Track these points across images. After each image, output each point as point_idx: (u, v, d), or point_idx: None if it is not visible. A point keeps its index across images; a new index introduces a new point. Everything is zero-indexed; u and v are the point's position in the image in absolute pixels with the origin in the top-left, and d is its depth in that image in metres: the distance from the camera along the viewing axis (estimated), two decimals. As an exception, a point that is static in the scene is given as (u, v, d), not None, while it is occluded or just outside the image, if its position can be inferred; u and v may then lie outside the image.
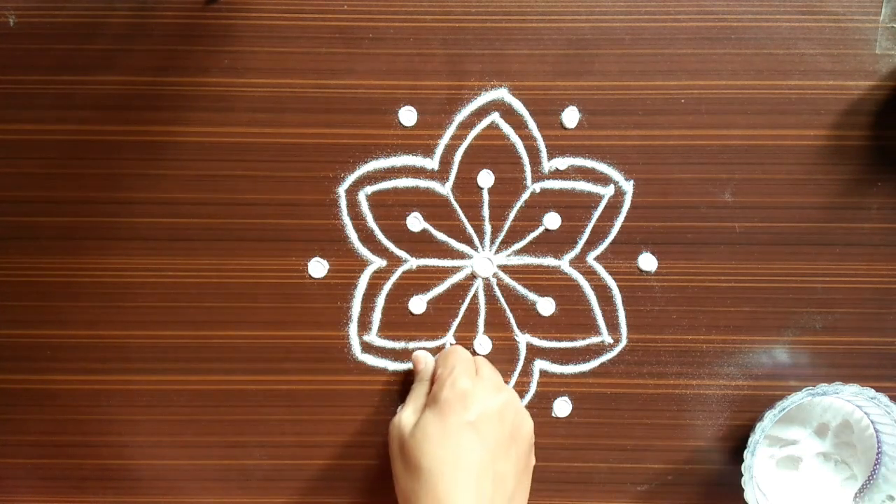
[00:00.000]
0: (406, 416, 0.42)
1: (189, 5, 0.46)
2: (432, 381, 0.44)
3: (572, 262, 0.48)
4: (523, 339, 0.48)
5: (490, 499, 0.39)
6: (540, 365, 0.48)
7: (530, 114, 0.47)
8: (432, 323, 0.48)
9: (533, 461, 0.43)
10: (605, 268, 0.48)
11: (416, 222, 0.48)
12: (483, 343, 0.48)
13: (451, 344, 0.48)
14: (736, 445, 0.48)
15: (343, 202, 0.48)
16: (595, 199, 0.47)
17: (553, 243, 0.48)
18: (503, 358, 0.48)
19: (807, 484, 0.47)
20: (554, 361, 0.48)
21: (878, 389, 0.44)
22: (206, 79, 0.47)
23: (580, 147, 0.47)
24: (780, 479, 0.48)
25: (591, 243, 0.48)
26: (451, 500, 0.38)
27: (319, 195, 0.47)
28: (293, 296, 0.48)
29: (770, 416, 0.44)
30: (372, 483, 0.49)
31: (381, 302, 0.48)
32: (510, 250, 0.48)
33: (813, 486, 0.47)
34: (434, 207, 0.48)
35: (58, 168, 0.47)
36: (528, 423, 0.43)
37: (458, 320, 0.48)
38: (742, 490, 0.44)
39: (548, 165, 0.47)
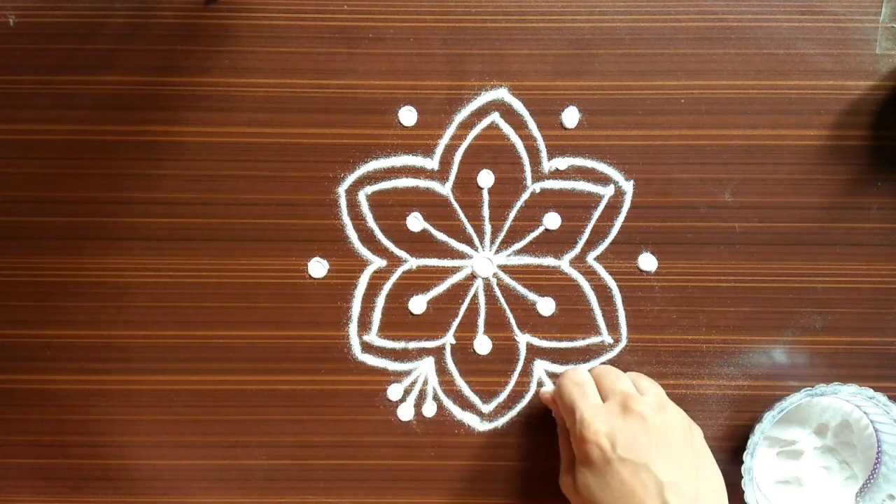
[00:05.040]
0: (565, 479, 0.43)
1: (189, 5, 0.46)
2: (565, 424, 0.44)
3: (572, 262, 0.48)
4: (523, 339, 0.48)
5: (686, 497, 0.39)
6: (540, 365, 0.48)
7: (530, 114, 0.47)
8: (432, 323, 0.48)
9: (697, 434, 0.42)
10: (605, 268, 0.48)
11: (416, 222, 0.48)
12: (483, 343, 0.48)
13: (565, 373, 0.45)
14: (735, 446, 0.48)
15: (343, 202, 0.48)
16: (595, 199, 0.47)
17: (553, 243, 0.48)
18: (503, 358, 0.48)
19: (807, 484, 0.47)
20: (554, 361, 0.48)
21: (877, 389, 0.44)
22: (206, 79, 0.47)
23: (580, 147, 0.47)
24: (780, 479, 0.48)
25: (591, 243, 0.48)
26: None
27: (319, 195, 0.47)
28: (293, 296, 0.48)
29: (769, 418, 0.44)
30: (372, 483, 0.49)
31: (381, 302, 0.48)
32: (510, 250, 0.48)
33: (813, 486, 0.47)
34: (434, 207, 0.48)
35: (58, 168, 0.47)
36: (672, 416, 0.41)
37: (458, 320, 0.48)
38: (742, 490, 0.44)
39: (548, 165, 0.47)
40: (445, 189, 0.48)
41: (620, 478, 0.39)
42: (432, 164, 0.47)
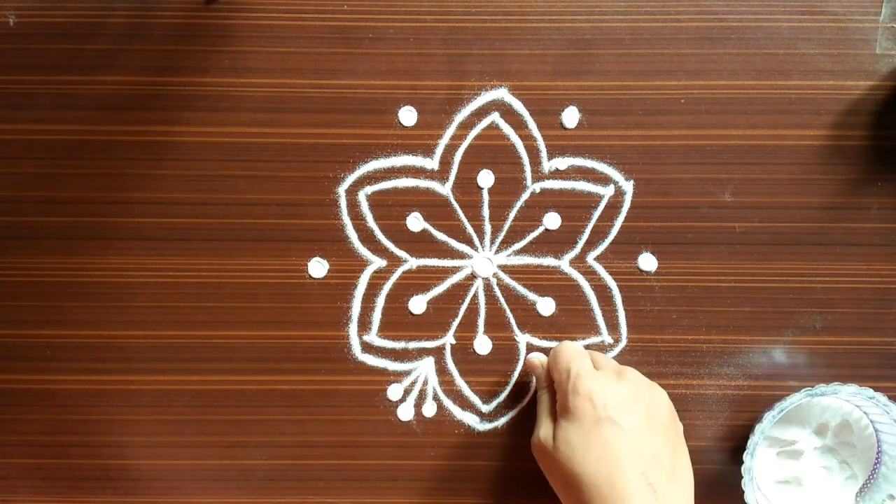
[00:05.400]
0: (543, 432, 0.42)
1: (189, 5, 0.46)
2: (550, 386, 0.44)
3: (572, 262, 0.48)
4: (523, 339, 0.48)
5: (654, 481, 0.39)
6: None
7: (530, 114, 0.47)
8: (432, 323, 0.48)
9: (680, 427, 0.42)
10: (605, 268, 0.48)
11: (416, 222, 0.48)
12: (483, 343, 0.48)
13: (562, 342, 0.46)
14: (736, 446, 0.48)
15: (343, 202, 0.48)
16: (595, 199, 0.47)
17: (553, 243, 0.48)
18: (503, 358, 0.48)
19: (807, 484, 0.47)
20: (554, 361, 0.48)
21: (877, 389, 0.44)
22: (206, 79, 0.47)
23: (580, 147, 0.47)
24: (780, 479, 0.48)
25: (591, 243, 0.48)
26: (619, 498, 0.38)
27: (319, 195, 0.47)
28: (293, 296, 0.48)
29: (769, 418, 0.44)
30: (372, 483, 0.49)
31: (381, 302, 0.48)
32: (510, 250, 0.48)
33: (813, 486, 0.47)
34: (434, 207, 0.48)
35: (58, 168, 0.47)
36: (660, 394, 0.42)
37: (458, 320, 0.48)
38: (742, 490, 0.44)
39: (548, 165, 0.47)
40: (445, 189, 0.48)
41: (605, 438, 0.39)
42: (432, 164, 0.47)
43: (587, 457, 0.39)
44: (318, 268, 0.48)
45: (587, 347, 0.48)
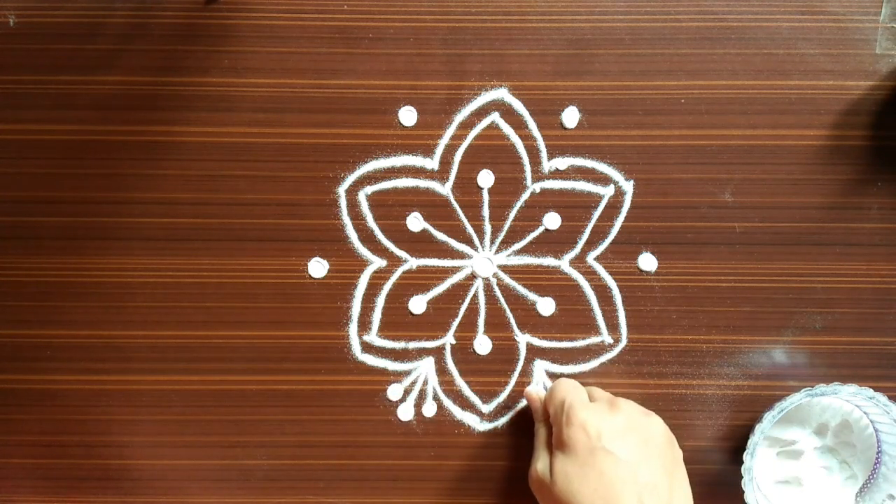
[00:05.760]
0: (541, 465, 0.42)
1: (189, 5, 0.46)
2: (547, 420, 0.44)
3: (572, 262, 0.48)
4: (523, 339, 0.48)
5: (661, 499, 0.39)
6: (540, 365, 0.48)
7: (530, 114, 0.47)
8: (432, 323, 0.48)
9: (679, 453, 0.42)
10: (605, 268, 0.48)
11: (416, 222, 0.48)
12: (483, 343, 0.48)
13: (559, 378, 0.47)
14: (736, 446, 0.48)
15: (343, 202, 0.48)
16: (595, 199, 0.47)
17: (553, 243, 0.48)
18: (503, 358, 0.48)
19: (807, 484, 0.47)
20: (554, 361, 0.48)
21: (877, 389, 0.44)
22: (206, 79, 0.47)
23: (580, 147, 0.47)
24: (780, 479, 0.48)
25: (591, 243, 0.48)
26: None
27: (319, 195, 0.47)
28: (293, 296, 0.48)
29: (769, 418, 0.44)
30: (372, 483, 0.49)
31: (381, 302, 0.48)
32: (510, 250, 0.48)
33: (813, 486, 0.47)
34: (434, 207, 0.48)
35: (58, 168, 0.47)
36: (655, 422, 0.42)
37: (458, 320, 0.48)
38: (742, 490, 0.44)
39: (548, 165, 0.47)
40: (445, 189, 0.48)
41: (601, 468, 0.39)
42: (432, 164, 0.47)
43: (583, 488, 0.39)
44: (318, 268, 0.48)
45: (587, 347, 0.48)
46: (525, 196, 0.47)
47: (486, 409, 0.49)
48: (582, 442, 0.40)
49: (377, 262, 0.48)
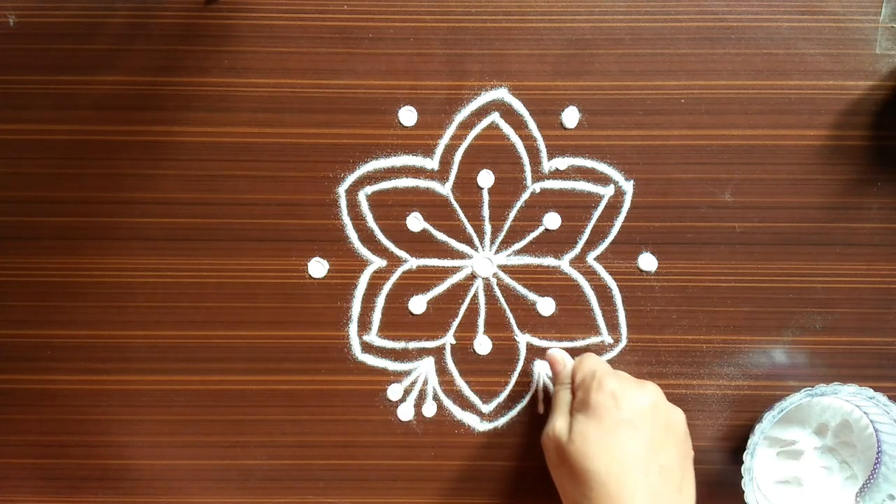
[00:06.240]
0: (559, 424, 0.41)
1: (189, 5, 0.46)
2: (568, 385, 0.44)
3: (572, 262, 0.48)
4: (523, 339, 0.48)
5: (660, 491, 0.39)
6: (540, 365, 0.48)
7: (530, 114, 0.47)
8: (432, 323, 0.48)
9: (691, 452, 0.42)
10: (605, 268, 0.48)
11: (416, 222, 0.48)
12: (483, 343, 0.48)
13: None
14: (736, 446, 0.48)
15: (343, 202, 0.48)
16: (595, 199, 0.47)
17: (553, 243, 0.48)
18: (503, 358, 0.48)
19: (807, 484, 0.47)
20: (554, 361, 0.48)
21: (877, 389, 0.44)
22: (206, 79, 0.47)
23: (580, 147, 0.47)
24: (780, 479, 0.48)
25: (591, 243, 0.48)
26: (626, 499, 0.38)
27: (319, 195, 0.47)
28: (293, 296, 0.48)
29: (769, 418, 0.44)
30: (372, 483, 0.49)
31: (381, 302, 0.48)
32: (510, 250, 0.48)
33: (813, 486, 0.47)
34: (434, 207, 0.48)
35: (58, 168, 0.47)
36: (679, 414, 0.42)
37: (458, 320, 0.48)
38: (742, 490, 0.44)
39: (548, 165, 0.47)
40: (445, 189, 0.48)
41: (622, 439, 0.39)
42: (432, 164, 0.47)
43: (601, 454, 0.39)
44: (318, 268, 0.48)
45: (587, 347, 0.48)
46: (525, 196, 0.47)
47: (486, 409, 0.49)
48: (608, 409, 0.40)
49: (377, 262, 0.48)
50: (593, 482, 0.39)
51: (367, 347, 0.48)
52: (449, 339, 0.48)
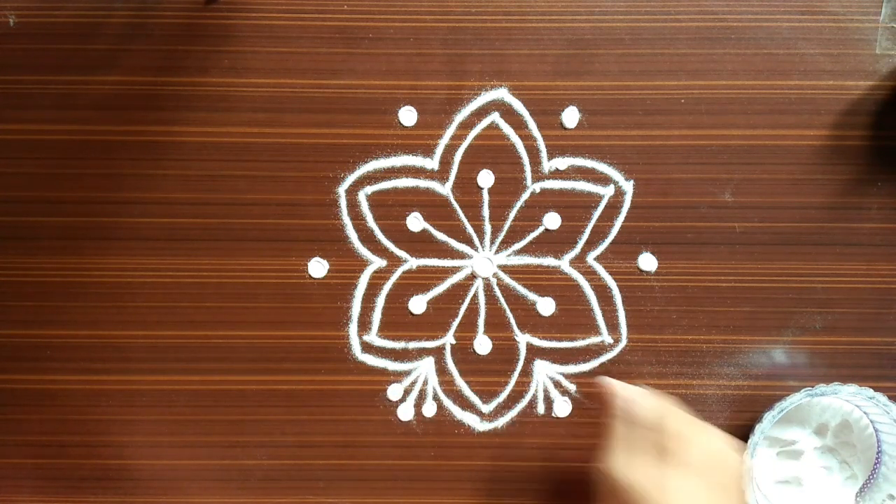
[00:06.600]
0: (653, 475, 0.37)
1: (189, 5, 0.46)
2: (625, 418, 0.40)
3: (572, 262, 0.48)
4: (523, 339, 0.48)
5: None
6: (540, 365, 0.48)
7: (530, 114, 0.47)
8: (432, 323, 0.48)
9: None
10: (605, 268, 0.48)
11: (416, 222, 0.48)
12: (483, 343, 0.48)
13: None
14: (736, 445, 0.48)
15: (343, 202, 0.48)
16: (595, 199, 0.47)
17: (553, 243, 0.48)
18: (503, 358, 0.48)
19: (807, 484, 0.47)
20: (554, 361, 0.48)
21: (877, 389, 0.44)
22: (206, 79, 0.47)
23: (580, 147, 0.47)
24: (780, 479, 0.48)
25: (591, 243, 0.48)
26: None
27: (319, 195, 0.47)
28: (293, 296, 0.48)
29: (769, 418, 0.44)
30: (372, 483, 0.49)
31: (381, 302, 0.48)
32: (510, 250, 0.48)
33: (813, 486, 0.47)
34: (434, 207, 0.48)
35: (58, 168, 0.47)
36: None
37: (458, 320, 0.48)
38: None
39: (548, 165, 0.47)
40: (445, 189, 0.48)
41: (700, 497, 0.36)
42: (432, 164, 0.47)
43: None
44: (318, 268, 0.48)
45: (587, 347, 0.48)
46: (525, 196, 0.47)
47: (486, 409, 0.49)
48: (708, 465, 0.37)
49: (377, 262, 0.48)
50: None
51: (367, 347, 0.48)
52: (449, 339, 0.48)
